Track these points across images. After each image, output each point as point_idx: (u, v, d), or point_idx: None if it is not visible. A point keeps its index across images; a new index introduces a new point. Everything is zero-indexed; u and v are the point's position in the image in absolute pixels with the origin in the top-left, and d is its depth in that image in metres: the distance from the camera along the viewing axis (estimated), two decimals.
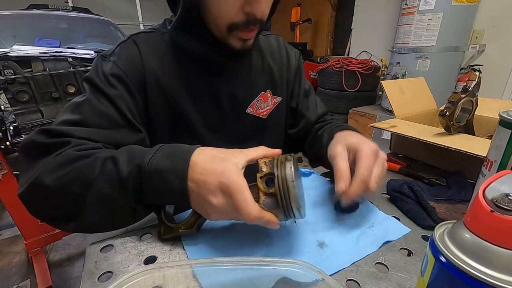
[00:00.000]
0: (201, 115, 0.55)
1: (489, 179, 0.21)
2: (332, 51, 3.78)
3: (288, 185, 0.33)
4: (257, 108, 0.61)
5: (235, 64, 0.56)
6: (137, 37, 0.52)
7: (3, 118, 1.39)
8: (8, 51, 1.57)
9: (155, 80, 0.51)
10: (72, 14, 2.47)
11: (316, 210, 0.48)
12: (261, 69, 0.62)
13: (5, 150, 1.30)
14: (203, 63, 0.54)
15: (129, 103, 0.48)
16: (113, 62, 0.48)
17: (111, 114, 0.46)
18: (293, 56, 0.67)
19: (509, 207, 0.18)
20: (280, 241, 0.41)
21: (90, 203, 0.37)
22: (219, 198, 0.34)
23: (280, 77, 0.64)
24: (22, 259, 1.51)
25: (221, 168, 0.34)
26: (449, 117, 0.58)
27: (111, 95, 0.46)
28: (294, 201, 0.33)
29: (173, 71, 0.52)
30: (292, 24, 3.70)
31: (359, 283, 0.34)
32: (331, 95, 2.70)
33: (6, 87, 1.45)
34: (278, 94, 0.64)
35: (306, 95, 0.68)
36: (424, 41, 2.03)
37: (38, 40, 2.00)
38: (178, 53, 0.53)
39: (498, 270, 0.18)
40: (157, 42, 0.53)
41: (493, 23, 2.08)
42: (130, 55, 0.50)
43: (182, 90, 0.53)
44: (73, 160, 0.38)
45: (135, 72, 0.49)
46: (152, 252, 0.39)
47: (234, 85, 0.57)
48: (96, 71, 0.48)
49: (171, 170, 0.36)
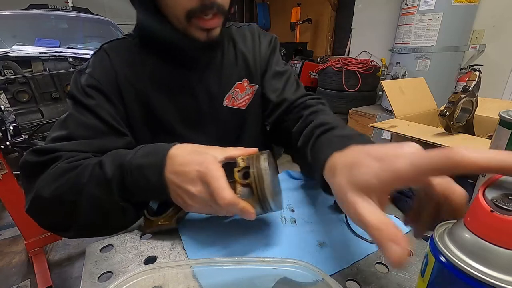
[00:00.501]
0: (179, 113, 0.56)
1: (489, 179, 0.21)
2: (332, 51, 3.78)
3: (262, 173, 0.35)
4: (234, 99, 0.60)
5: (208, 57, 0.56)
6: (107, 46, 0.54)
7: (3, 118, 1.39)
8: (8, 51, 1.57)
9: (129, 85, 0.52)
10: (72, 14, 2.47)
11: (316, 210, 0.48)
12: (234, 60, 0.61)
13: (5, 150, 1.30)
14: (174, 58, 0.54)
15: (110, 110, 0.50)
16: (88, 74, 0.50)
17: (95, 124, 0.48)
18: (265, 42, 0.64)
19: (509, 207, 0.18)
20: (280, 241, 0.41)
21: (83, 208, 0.39)
22: (198, 186, 0.35)
23: (254, 63, 0.62)
24: (22, 259, 1.51)
25: (200, 159, 0.36)
26: (449, 117, 0.58)
27: (90, 106, 0.48)
28: (268, 190, 0.35)
29: (146, 73, 0.53)
30: (292, 24, 3.70)
31: (359, 283, 0.34)
32: (331, 95, 2.70)
33: (6, 87, 1.46)
34: (254, 82, 0.62)
35: (274, 76, 0.62)
36: (424, 41, 2.03)
37: (38, 40, 2.01)
38: (150, 55, 0.54)
39: (498, 270, 0.18)
40: (128, 47, 0.54)
41: (493, 23, 2.08)
42: (102, 65, 0.52)
43: (157, 91, 0.54)
44: (65, 172, 0.40)
45: (109, 80, 0.51)
46: (152, 252, 0.39)
47: (208, 79, 0.57)
48: (75, 85, 0.51)
49: (150, 165, 0.37)
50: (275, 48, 0.66)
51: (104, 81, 0.50)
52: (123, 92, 0.52)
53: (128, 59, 0.53)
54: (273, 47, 0.65)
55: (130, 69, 0.53)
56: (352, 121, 2.54)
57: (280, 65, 0.65)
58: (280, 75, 0.63)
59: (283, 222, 0.45)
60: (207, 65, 0.57)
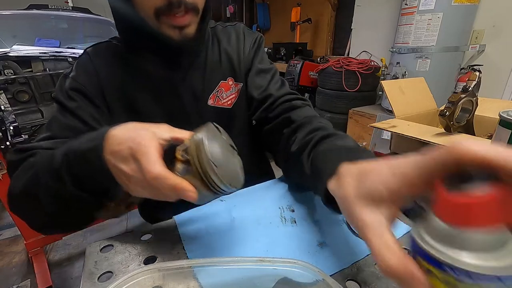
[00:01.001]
0: (165, 114, 0.56)
1: None
2: (332, 51, 3.77)
3: (198, 143, 0.30)
4: (218, 98, 0.60)
5: (190, 57, 0.56)
6: (91, 50, 0.56)
7: (3, 118, 1.39)
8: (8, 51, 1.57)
9: (112, 87, 0.53)
10: (72, 14, 2.46)
11: (316, 210, 0.48)
12: (218, 59, 0.60)
13: (5, 150, 1.30)
14: (156, 60, 0.54)
15: (92, 112, 0.51)
16: (71, 77, 0.52)
17: (76, 125, 0.50)
18: (250, 39, 0.63)
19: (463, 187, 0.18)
20: (280, 241, 0.41)
21: (43, 200, 0.39)
22: (131, 164, 0.32)
23: (238, 62, 0.62)
24: (22, 259, 1.51)
25: (135, 135, 0.32)
26: (449, 117, 0.58)
27: (72, 108, 0.50)
28: (207, 161, 0.30)
29: (130, 75, 0.54)
30: (292, 24, 3.70)
31: (359, 283, 0.34)
32: (331, 95, 2.70)
33: (6, 87, 1.46)
34: (239, 80, 0.62)
35: (259, 73, 0.62)
36: (424, 41, 2.03)
37: (38, 40, 2.00)
38: (134, 56, 0.54)
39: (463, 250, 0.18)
40: (112, 50, 0.55)
41: (493, 23, 2.08)
42: (85, 69, 0.53)
43: (141, 92, 0.54)
44: (32, 166, 0.41)
45: (91, 82, 0.52)
46: (152, 252, 0.39)
47: (191, 78, 0.57)
48: (60, 89, 0.52)
49: (91, 149, 0.35)
50: (260, 46, 0.65)
51: (87, 84, 0.52)
52: (107, 95, 0.53)
53: (112, 62, 0.54)
54: (257, 46, 0.64)
55: (114, 72, 0.54)
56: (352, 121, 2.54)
57: (265, 63, 0.64)
58: (263, 73, 0.62)
59: (283, 222, 0.45)
60: (191, 65, 0.57)
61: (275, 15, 4.46)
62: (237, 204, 0.50)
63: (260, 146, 0.70)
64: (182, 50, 0.53)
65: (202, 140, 0.31)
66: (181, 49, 0.53)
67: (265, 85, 0.60)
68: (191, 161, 0.31)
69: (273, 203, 0.50)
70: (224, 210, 0.48)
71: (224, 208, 0.49)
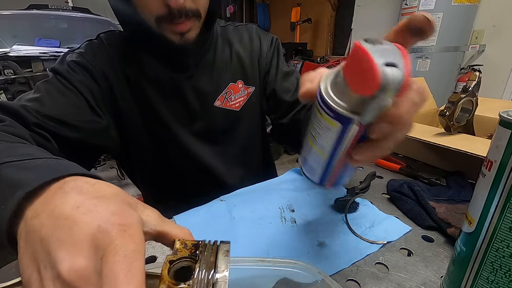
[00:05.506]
0: (170, 110, 0.57)
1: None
2: (332, 51, 3.77)
3: (218, 284, 0.18)
4: (226, 100, 0.60)
5: (195, 57, 0.56)
6: (105, 36, 0.55)
7: None
8: (8, 51, 1.57)
9: (123, 76, 0.53)
10: (72, 14, 2.47)
11: (316, 210, 0.48)
12: (229, 60, 0.60)
13: None
14: (163, 60, 0.54)
15: (92, 88, 0.49)
16: (78, 53, 0.51)
17: (69, 93, 0.47)
18: (265, 42, 0.64)
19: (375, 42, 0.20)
20: (280, 241, 0.41)
21: None
22: (81, 257, 0.15)
23: (252, 65, 0.62)
24: None
25: (117, 210, 0.18)
26: (449, 117, 0.58)
27: (72, 79, 0.48)
28: None
29: (140, 68, 0.54)
30: (292, 24, 3.70)
31: (359, 283, 0.34)
32: None
33: (6, 87, 1.46)
34: (250, 83, 0.62)
35: (285, 77, 0.63)
36: (424, 41, 2.03)
37: (38, 40, 2.01)
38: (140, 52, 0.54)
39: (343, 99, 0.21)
40: (124, 41, 0.55)
41: (493, 23, 2.08)
42: (96, 50, 0.53)
43: (148, 85, 0.54)
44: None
45: (100, 63, 0.51)
46: (152, 252, 0.39)
47: (197, 78, 0.57)
48: (61, 62, 0.50)
49: (16, 183, 0.20)
50: (279, 48, 0.66)
51: (95, 62, 0.51)
52: (115, 81, 0.52)
53: (123, 52, 0.54)
54: (276, 48, 0.65)
55: (126, 62, 0.53)
56: None
57: (286, 65, 0.66)
58: (289, 75, 0.64)
59: (283, 222, 0.45)
60: (197, 65, 0.57)
61: (275, 15, 4.46)
62: (237, 204, 0.50)
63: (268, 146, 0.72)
64: (184, 52, 0.54)
65: (226, 285, 0.18)
66: (183, 51, 0.53)
67: (293, 88, 0.61)
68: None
69: (273, 203, 0.50)
70: (224, 210, 0.48)
71: (224, 208, 0.49)
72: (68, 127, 0.44)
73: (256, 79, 0.63)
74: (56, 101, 0.45)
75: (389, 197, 0.53)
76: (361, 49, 0.19)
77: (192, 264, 0.18)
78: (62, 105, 0.45)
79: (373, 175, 0.57)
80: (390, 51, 0.20)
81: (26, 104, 0.41)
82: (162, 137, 0.58)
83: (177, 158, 0.60)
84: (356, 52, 0.20)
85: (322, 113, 0.23)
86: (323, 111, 0.23)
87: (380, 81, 0.18)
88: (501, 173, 0.24)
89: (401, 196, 0.50)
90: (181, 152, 0.59)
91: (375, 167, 0.66)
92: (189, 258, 0.19)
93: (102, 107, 0.51)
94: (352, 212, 0.48)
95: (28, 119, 0.40)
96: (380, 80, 0.18)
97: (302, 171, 0.32)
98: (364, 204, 0.50)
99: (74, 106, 0.46)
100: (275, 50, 0.65)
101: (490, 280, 0.26)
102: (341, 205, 0.48)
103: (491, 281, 0.26)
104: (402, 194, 0.50)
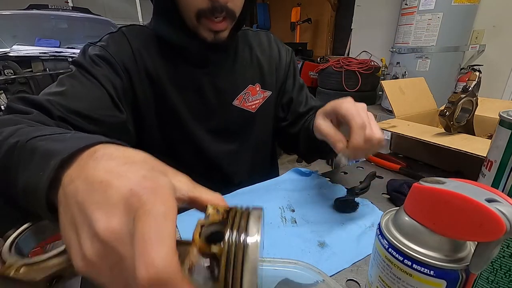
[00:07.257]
0: (187, 106, 0.57)
1: None
2: (332, 51, 3.77)
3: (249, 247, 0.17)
4: (245, 101, 0.61)
5: (218, 56, 0.57)
6: (126, 29, 0.55)
7: None
8: (8, 51, 1.57)
9: (143, 70, 0.53)
10: (72, 14, 2.47)
11: (316, 210, 0.48)
12: (249, 62, 0.62)
13: None
14: (185, 55, 0.55)
15: (115, 82, 0.49)
16: (100, 46, 0.51)
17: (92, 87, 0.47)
18: (284, 53, 0.67)
19: (434, 182, 0.20)
20: (281, 241, 0.41)
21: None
22: (115, 218, 0.16)
23: (270, 71, 0.64)
24: None
25: (148, 176, 0.18)
26: (449, 117, 0.58)
27: (95, 73, 0.48)
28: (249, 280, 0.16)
29: (159, 63, 0.54)
30: (292, 24, 3.70)
31: (359, 283, 0.34)
32: (331, 95, 2.69)
33: (6, 87, 1.46)
34: (267, 88, 0.64)
35: (299, 89, 0.68)
36: (424, 41, 2.03)
37: (38, 40, 2.01)
38: (162, 45, 0.55)
39: (427, 248, 0.20)
40: (146, 35, 0.55)
41: (493, 23, 2.08)
42: (118, 43, 0.53)
43: (168, 81, 0.55)
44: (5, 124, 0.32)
45: (122, 57, 0.51)
46: None
47: (217, 76, 0.58)
48: (83, 54, 0.50)
49: (50, 152, 0.21)
50: (295, 61, 0.70)
51: (116, 55, 0.51)
52: (135, 74, 0.52)
53: (146, 46, 0.54)
54: (293, 60, 0.69)
55: (147, 56, 0.54)
56: None
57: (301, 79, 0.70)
58: (303, 88, 0.69)
59: (284, 222, 0.45)
60: (217, 64, 0.58)
61: (275, 15, 4.46)
62: (238, 204, 0.50)
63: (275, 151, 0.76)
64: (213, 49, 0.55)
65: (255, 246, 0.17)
66: (212, 49, 0.54)
67: (304, 100, 0.67)
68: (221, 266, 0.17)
69: (273, 203, 0.50)
70: None
71: None
72: (90, 120, 0.44)
73: (273, 85, 0.65)
74: (80, 94, 0.45)
75: (389, 197, 0.53)
76: (460, 197, 0.18)
77: (224, 228, 0.18)
78: (85, 99, 0.45)
79: (373, 175, 0.57)
80: (467, 187, 0.19)
81: (50, 98, 0.42)
82: (175, 132, 0.58)
83: (187, 154, 0.61)
84: (453, 199, 0.18)
85: (412, 274, 0.20)
86: (415, 271, 0.20)
87: (505, 226, 0.17)
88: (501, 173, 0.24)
89: (401, 196, 0.50)
90: (193, 148, 0.60)
91: (375, 167, 0.66)
92: (221, 222, 0.19)
93: (123, 101, 0.51)
94: (352, 212, 0.48)
95: (53, 112, 0.41)
96: (505, 225, 0.17)
97: None
98: (364, 204, 0.50)
99: (97, 100, 0.47)
100: (291, 62, 0.68)
101: (490, 280, 0.26)
102: (341, 205, 0.48)
103: (491, 281, 0.26)
104: (402, 194, 0.50)
